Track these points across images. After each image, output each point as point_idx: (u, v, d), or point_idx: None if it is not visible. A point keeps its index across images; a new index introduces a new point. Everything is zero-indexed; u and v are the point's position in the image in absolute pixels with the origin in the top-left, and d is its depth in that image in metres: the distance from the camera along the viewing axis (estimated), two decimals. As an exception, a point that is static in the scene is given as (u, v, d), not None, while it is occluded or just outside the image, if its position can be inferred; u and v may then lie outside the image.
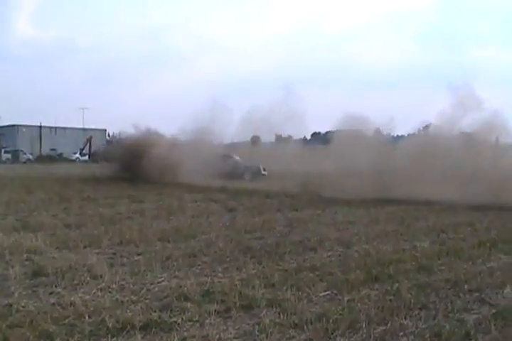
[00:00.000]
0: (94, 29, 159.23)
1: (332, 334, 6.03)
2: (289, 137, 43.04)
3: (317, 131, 52.30)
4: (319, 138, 47.73)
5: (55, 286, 8.00)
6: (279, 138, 45.50)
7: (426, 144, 22.43)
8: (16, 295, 7.59)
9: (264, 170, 34.00)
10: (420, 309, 7.04)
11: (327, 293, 7.72)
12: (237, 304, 7.01)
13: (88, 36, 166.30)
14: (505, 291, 8.02)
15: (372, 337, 6.02)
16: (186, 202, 19.55)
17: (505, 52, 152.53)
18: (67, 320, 6.45)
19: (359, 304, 7.15)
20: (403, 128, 26.29)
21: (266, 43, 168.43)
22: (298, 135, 42.91)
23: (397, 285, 8.10)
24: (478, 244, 11.35)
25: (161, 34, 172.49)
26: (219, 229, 13.15)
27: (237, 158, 34.77)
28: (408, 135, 26.42)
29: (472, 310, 7.14)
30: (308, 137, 48.71)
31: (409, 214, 16.82)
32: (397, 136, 28.64)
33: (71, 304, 7.04)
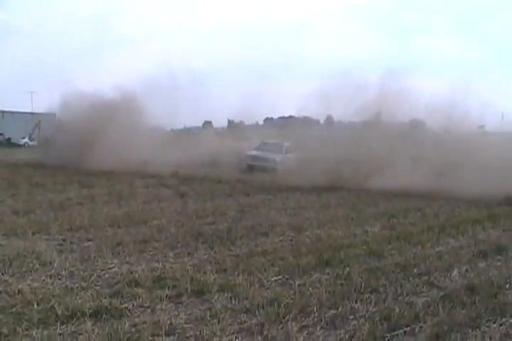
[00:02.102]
0: (40, 13, 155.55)
1: (284, 318, 6.06)
2: (241, 122, 43.03)
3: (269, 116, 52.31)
4: (271, 124, 47.82)
5: (2, 274, 7.83)
6: (231, 123, 45.48)
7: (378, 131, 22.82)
8: (-38, 283, 7.41)
9: None
10: (370, 293, 7.15)
11: (279, 277, 7.77)
12: (189, 289, 7.01)
13: (33, 20, 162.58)
14: (452, 274, 8.19)
15: (323, 320, 6.08)
16: (137, 187, 19.33)
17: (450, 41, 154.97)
18: (14, 309, 6.33)
19: (310, 288, 7.23)
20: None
21: (215, 30, 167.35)
22: (249, 120, 42.92)
23: (348, 269, 8.20)
24: (427, 229, 11.56)
25: (109, 20, 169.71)
26: (170, 215, 13.06)
27: None
28: (362, 122, 26.68)
29: (421, 293, 7.28)
30: (261, 122, 48.66)
31: (361, 199, 16.99)
32: (349, 122, 28.89)
33: (19, 292, 6.91)
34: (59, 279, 7.59)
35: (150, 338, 5.52)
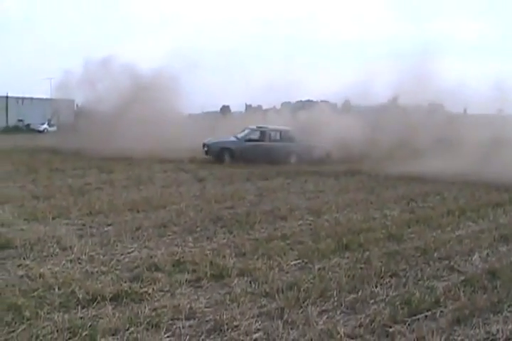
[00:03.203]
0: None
1: (303, 302, 6.05)
2: (259, 106, 42.89)
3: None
4: (289, 108, 47.64)
5: (24, 258, 7.89)
6: (249, 107, 45.39)
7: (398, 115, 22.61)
8: (-17, 268, 7.48)
9: None
10: (390, 277, 7.11)
11: (298, 261, 7.75)
12: (208, 274, 7.01)
13: (48, 6, 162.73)
14: (473, 258, 8.13)
15: (343, 305, 6.06)
16: (156, 172, 19.39)
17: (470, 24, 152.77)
18: (36, 293, 6.38)
19: (330, 272, 7.21)
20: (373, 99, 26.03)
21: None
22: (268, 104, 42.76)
23: (367, 253, 8.17)
24: (447, 213, 11.49)
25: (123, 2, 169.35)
26: (189, 199, 13.09)
27: None
28: (380, 106, 26.46)
29: (441, 277, 7.23)
30: (278, 106, 48.48)
31: (379, 183, 16.91)
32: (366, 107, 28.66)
33: (40, 276, 6.96)
34: (79, 263, 7.64)
35: (170, 322, 5.53)
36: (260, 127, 25.97)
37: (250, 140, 25.32)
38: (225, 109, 45.58)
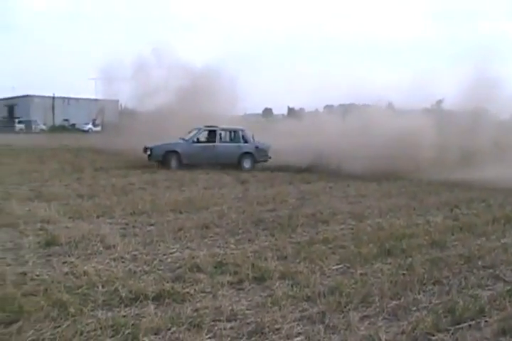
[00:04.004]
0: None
1: (345, 307, 6.00)
2: (301, 109, 42.68)
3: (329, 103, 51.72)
4: (331, 111, 47.35)
5: (69, 256, 8.04)
6: (291, 110, 45.28)
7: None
8: (30, 263, 7.64)
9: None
10: (433, 284, 7.01)
11: (340, 266, 7.71)
12: (250, 276, 7.01)
13: (95, 6, 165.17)
14: (519, 268, 7.96)
15: (385, 311, 5.99)
16: (198, 173, 19.52)
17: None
18: (80, 290, 6.47)
19: (372, 278, 7.14)
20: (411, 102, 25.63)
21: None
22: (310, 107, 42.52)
23: (410, 259, 8.06)
24: (492, 220, 11.25)
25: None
26: (231, 201, 13.16)
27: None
28: (423, 110, 26.09)
29: (486, 286, 7.09)
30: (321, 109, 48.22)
31: (422, 188, 16.73)
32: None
33: (84, 273, 7.07)
34: (122, 262, 7.73)
35: (211, 323, 5.55)
36: (209, 126, 23.77)
37: (199, 141, 23.52)
38: (267, 112, 45.51)
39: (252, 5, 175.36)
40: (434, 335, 5.42)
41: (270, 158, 23.46)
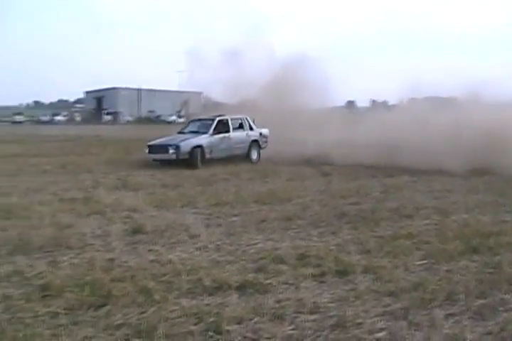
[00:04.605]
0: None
1: (429, 304, 5.89)
2: (385, 102, 41.92)
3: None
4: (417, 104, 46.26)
5: (154, 244, 8.26)
6: (374, 103, 44.55)
7: None
8: (118, 251, 7.91)
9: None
10: (523, 284, 6.77)
11: (424, 262, 7.54)
12: (333, 269, 6.99)
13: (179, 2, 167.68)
14: None
15: (470, 310, 5.83)
16: (281, 165, 19.53)
17: None
18: (165, 277, 6.65)
19: (457, 275, 6.94)
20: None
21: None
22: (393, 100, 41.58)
23: (497, 257, 7.80)
24: None
25: None
26: (314, 194, 13.12)
27: None
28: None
29: None
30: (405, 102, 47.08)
31: (510, 185, 16.17)
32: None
33: (169, 262, 7.25)
34: (206, 252, 7.87)
35: (294, 315, 5.57)
36: (219, 115, 21.86)
37: (219, 132, 21.10)
38: (351, 104, 44.93)
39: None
40: (522, 337, 5.24)
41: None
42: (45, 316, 5.54)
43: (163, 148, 19.76)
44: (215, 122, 21.14)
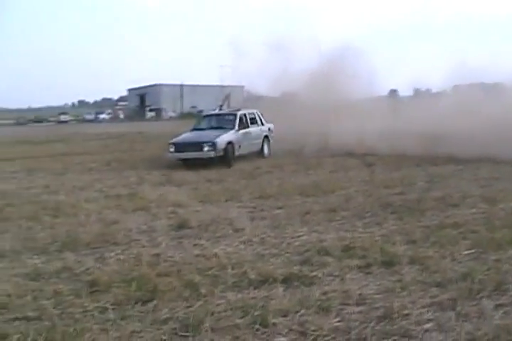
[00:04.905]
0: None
1: (477, 294, 5.78)
2: (428, 90, 41.19)
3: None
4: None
5: (199, 238, 8.33)
6: (417, 91, 43.81)
7: None
8: (163, 245, 8.00)
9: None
10: None
11: (471, 251, 7.40)
12: (378, 260, 6.93)
13: None
14: None
15: (521, 300, 5.72)
16: (324, 157, 19.42)
17: None
18: (211, 271, 6.70)
19: (506, 264, 6.81)
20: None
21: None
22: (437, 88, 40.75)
23: (549, 247, 7.62)
24: None
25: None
26: (358, 184, 13.03)
27: None
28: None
29: None
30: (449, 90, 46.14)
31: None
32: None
33: (214, 256, 7.30)
34: (251, 245, 7.89)
35: (340, 307, 5.55)
36: (238, 110, 21.02)
37: (243, 127, 19.96)
38: (393, 93, 44.26)
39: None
40: None
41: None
42: (94, 311, 5.64)
43: (196, 145, 18.03)
44: (238, 117, 19.96)
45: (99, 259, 7.48)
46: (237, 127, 19.38)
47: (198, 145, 17.99)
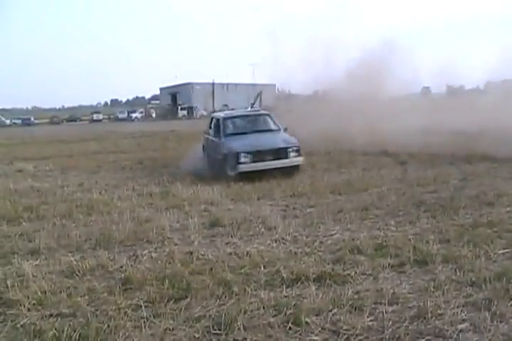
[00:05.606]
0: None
1: (513, 294, 5.72)
2: (461, 87, 40.74)
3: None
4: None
5: (231, 236, 8.36)
6: (450, 88, 43.37)
7: None
8: (196, 243, 8.05)
9: None
10: None
11: (506, 250, 7.29)
12: (411, 259, 6.88)
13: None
14: None
15: (558, 301, 5.62)
16: (357, 155, 19.30)
17: None
18: (243, 270, 6.72)
19: (543, 264, 6.72)
20: None
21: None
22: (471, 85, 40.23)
23: None
24: None
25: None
26: (390, 182, 12.92)
27: None
28: None
29: None
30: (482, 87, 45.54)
31: None
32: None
33: (247, 254, 7.32)
34: (283, 243, 7.90)
35: (373, 306, 5.53)
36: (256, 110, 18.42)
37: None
38: (426, 91, 43.78)
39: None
40: None
41: None
42: (128, 308, 5.70)
43: (278, 151, 14.68)
44: (273, 117, 17.09)
45: (133, 257, 7.55)
46: (281, 127, 16.44)
47: (280, 152, 14.67)
